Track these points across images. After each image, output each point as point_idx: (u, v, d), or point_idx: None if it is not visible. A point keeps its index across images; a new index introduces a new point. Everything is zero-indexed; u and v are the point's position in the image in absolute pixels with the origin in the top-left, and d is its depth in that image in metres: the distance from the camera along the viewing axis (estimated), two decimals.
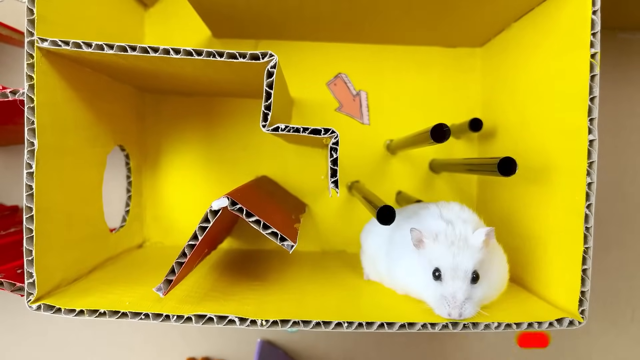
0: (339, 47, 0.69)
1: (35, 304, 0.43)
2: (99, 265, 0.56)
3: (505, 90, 0.61)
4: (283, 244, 0.42)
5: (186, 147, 0.70)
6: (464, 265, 0.42)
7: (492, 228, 0.44)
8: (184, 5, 0.67)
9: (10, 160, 0.71)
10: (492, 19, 0.58)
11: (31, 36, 0.42)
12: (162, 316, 0.42)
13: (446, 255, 0.42)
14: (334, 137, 0.43)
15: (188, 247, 0.41)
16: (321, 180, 0.70)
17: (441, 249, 0.43)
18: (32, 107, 0.42)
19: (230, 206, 0.40)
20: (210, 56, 0.42)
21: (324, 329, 0.43)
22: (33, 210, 0.42)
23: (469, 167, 0.59)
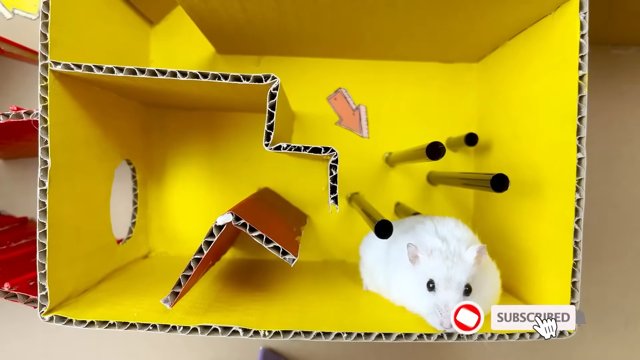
0: (339, 62, 0.71)
1: (48, 316, 0.45)
2: (107, 276, 0.57)
3: (499, 105, 0.63)
4: (285, 257, 0.44)
5: (190, 160, 0.72)
6: (457, 277, 0.44)
7: (484, 245, 0.45)
8: (188, 23, 0.69)
9: (20, 173, 0.73)
10: (487, 37, 0.60)
11: (45, 60, 0.44)
12: (168, 327, 0.44)
13: (440, 267, 0.44)
14: (334, 155, 0.45)
15: (194, 261, 0.43)
16: (322, 192, 0.72)
17: (436, 263, 0.44)
18: (46, 127, 0.44)
19: (234, 221, 0.42)
20: (216, 78, 0.44)
21: (324, 339, 0.44)
22: (46, 225, 0.44)
23: (465, 181, 0.61)
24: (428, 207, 0.71)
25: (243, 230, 0.43)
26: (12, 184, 0.73)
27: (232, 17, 0.54)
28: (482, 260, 0.46)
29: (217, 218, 0.43)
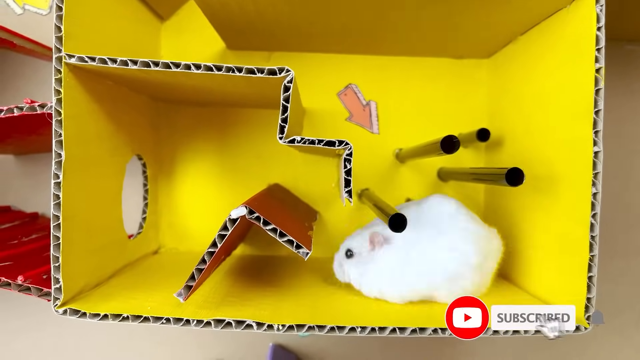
0: (350, 58, 0.71)
1: (62, 309, 0.44)
2: (118, 270, 0.57)
3: (511, 100, 0.63)
4: (299, 251, 0.44)
5: (200, 156, 0.72)
6: (347, 243, 0.55)
7: (376, 233, 0.52)
8: (199, 18, 0.69)
9: (30, 169, 0.73)
10: (499, 32, 0.60)
11: (59, 52, 0.44)
12: (182, 321, 0.44)
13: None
14: (348, 149, 0.45)
15: (207, 254, 0.43)
16: (332, 187, 0.71)
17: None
18: (60, 120, 0.44)
19: (248, 215, 0.42)
20: (230, 71, 0.44)
21: (338, 333, 0.44)
22: (60, 218, 0.44)
23: (477, 176, 0.60)
24: None
25: (257, 224, 0.43)
26: (23, 179, 0.73)
27: (243, 10, 0.54)
28: (374, 243, 0.52)
29: (231, 211, 0.42)
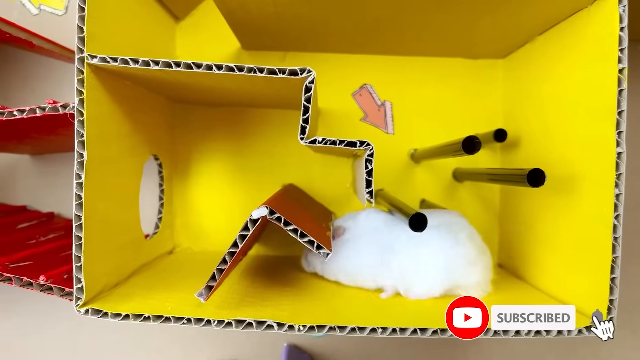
0: (364, 58, 0.71)
1: (83, 308, 0.45)
2: (135, 270, 0.58)
3: (528, 101, 0.63)
4: (319, 252, 0.44)
5: (215, 156, 0.72)
6: None
7: (341, 227, 0.58)
8: (214, 19, 0.70)
9: (46, 169, 0.74)
10: (517, 32, 0.60)
11: (81, 53, 0.44)
12: (203, 321, 0.44)
13: None
14: (369, 149, 0.45)
15: (229, 254, 0.43)
16: (346, 188, 0.71)
17: None
18: (82, 120, 0.44)
19: (269, 215, 0.42)
20: (251, 72, 0.44)
21: (359, 334, 0.44)
22: (82, 218, 0.44)
23: (493, 177, 0.60)
24: (453, 204, 0.71)
25: (277, 225, 0.43)
26: (38, 179, 0.73)
27: (261, 11, 0.54)
28: (337, 234, 0.57)
29: (252, 212, 0.42)
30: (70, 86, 0.72)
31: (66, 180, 0.73)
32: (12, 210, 0.68)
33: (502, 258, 0.70)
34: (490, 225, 0.71)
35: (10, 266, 0.47)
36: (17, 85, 0.73)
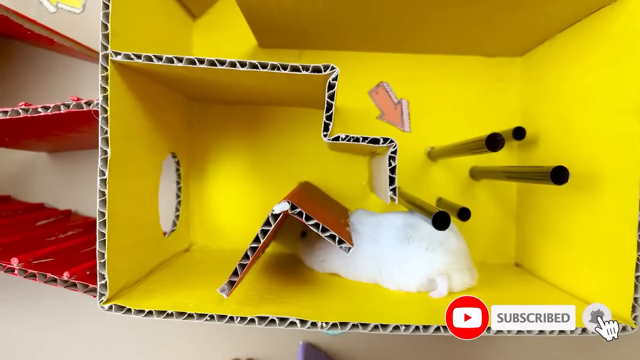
0: (381, 56, 0.71)
1: (107, 305, 0.45)
2: (155, 268, 0.58)
3: (547, 99, 0.62)
4: (341, 246, 0.44)
5: (231, 154, 0.72)
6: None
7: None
8: (230, 17, 0.70)
9: (63, 166, 0.74)
10: (537, 30, 0.60)
11: (105, 50, 0.44)
12: (226, 317, 0.44)
13: None
14: (393, 146, 0.45)
15: (250, 250, 0.43)
16: (362, 186, 0.71)
17: None
18: (106, 117, 0.44)
19: (290, 210, 0.42)
20: (275, 69, 0.44)
21: (381, 331, 0.44)
22: (106, 215, 0.44)
23: (512, 175, 0.60)
24: (470, 202, 0.70)
25: (299, 219, 0.43)
26: (55, 176, 0.74)
27: (282, 9, 0.54)
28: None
29: (273, 206, 0.42)
30: (87, 84, 0.73)
31: (83, 178, 0.73)
32: (30, 208, 0.69)
33: (520, 257, 0.69)
34: (507, 223, 0.71)
35: (33, 262, 0.47)
36: (34, 83, 0.73)
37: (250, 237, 0.43)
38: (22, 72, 0.73)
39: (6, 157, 0.73)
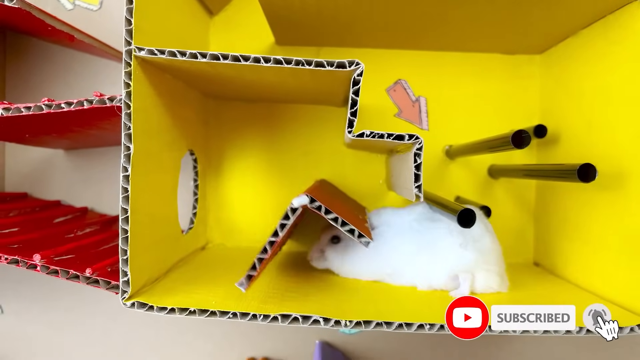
0: (398, 54, 0.70)
1: (129, 302, 0.44)
2: (173, 265, 0.57)
3: (569, 96, 0.62)
4: (361, 240, 0.43)
5: (247, 152, 0.72)
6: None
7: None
8: (247, 14, 0.70)
9: (79, 163, 0.74)
10: (559, 27, 0.59)
11: (129, 45, 0.44)
12: (248, 315, 0.44)
13: None
14: (418, 143, 0.45)
15: (269, 244, 0.43)
16: (379, 184, 0.71)
17: None
18: (129, 113, 0.44)
19: (309, 203, 0.42)
20: (299, 64, 0.44)
21: (406, 330, 0.44)
22: (128, 211, 0.44)
23: (533, 173, 0.60)
24: (488, 201, 0.69)
25: (318, 213, 0.42)
26: (71, 174, 0.74)
27: (304, 5, 0.54)
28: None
29: (292, 200, 0.42)
30: (104, 80, 0.73)
31: (99, 175, 0.73)
32: (47, 205, 0.69)
33: (539, 256, 0.69)
34: (525, 222, 0.70)
35: (55, 259, 0.47)
36: (51, 79, 0.73)
37: (267, 235, 0.43)
38: (38, 69, 0.73)
39: (22, 154, 0.73)
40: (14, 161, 0.73)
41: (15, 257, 0.45)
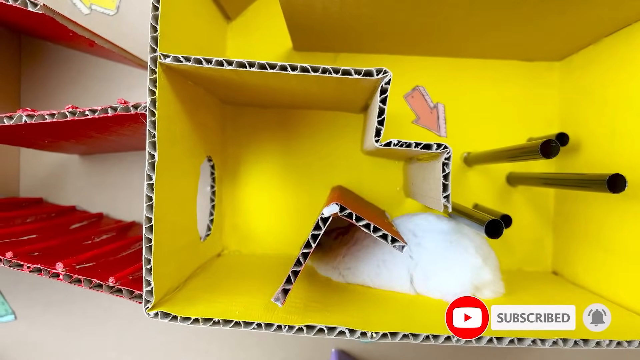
0: (416, 60, 0.70)
1: (153, 312, 0.44)
2: (192, 273, 0.57)
3: (591, 104, 0.61)
4: (394, 245, 0.42)
5: (263, 158, 0.71)
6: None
7: None
8: (264, 19, 0.69)
9: (94, 169, 0.73)
10: (582, 34, 0.58)
11: (154, 52, 0.43)
12: (273, 326, 0.43)
13: None
14: (447, 152, 0.44)
15: (302, 256, 0.42)
16: (397, 191, 0.70)
17: None
18: (154, 120, 0.43)
19: (339, 212, 0.41)
20: (326, 72, 0.43)
21: (433, 342, 0.43)
22: (152, 220, 0.43)
23: (553, 181, 0.59)
24: (506, 209, 0.69)
25: (349, 221, 0.42)
26: (86, 179, 0.73)
27: (326, 11, 0.53)
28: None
29: (322, 210, 0.41)
30: (120, 86, 0.72)
31: (114, 180, 0.73)
32: (63, 211, 0.68)
33: (558, 265, 0.68)
34: (544, 231, 0.69)
35: (77, 267, 0.46)
36: (66, 84, 0.73)
37: (283, 242, 0.42)
38: (53, 73, 0.72)
39: (37, 159, 0.73)
40: (28, 166, 0.73)
41: (38, 265, 0.44)
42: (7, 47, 0.69)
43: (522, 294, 0.56)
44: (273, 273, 0.60)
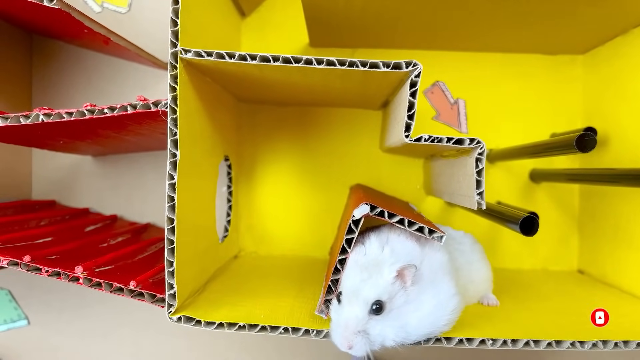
0: (436, 55, 0.68)
1: (176, 316, 0.42)
2: (212, 276, 0.55)
3: (618, 98, 0.59)
4: (433, 236, 0.41)
5: (280, 157, 0.70)
6: (365, 292, 0.38)
7: (412, 265, 0.39)
8: (280, 15, 0.68)
9: (107, 170, 0.72)
10: (610, 25, 0.57)
11: (174, 47, 0.42)
12: (301, 331, 0.42)
13: (351, 278, 0.39)
14: (480, 147, 0.42)
15: (340, 262, 0.41)
16: (417, 189, 0.69)
17: (349, 272, 0.40)
18: (175, 118, 0.42)
19: (371, 211, 0.40)
20: (353, 66, 0.41)
21: (467, 346, 0.42)
22: (175, 221, 0.42)
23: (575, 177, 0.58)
24: (530, 206, 0.67)
25: (380, 219, 0.40)
26: (99, 181, 0.72)
27: (348, 5, 0.52)
28: (407, 280, 0.39)
29: (353, 212, 0.40)
30: (135, 84, 0.71)
31: (128, 182, 0.72)
32: (77, 213, 0.67)
33: (584, 263, 0.66)
34: (569, 228, 0.68)
35: (96, 270, 0.44)
36: (79, 84, 0.71)
37: (300, 243, 0.41)
38: (65, 72, 0.71)
39: (50, 161, 0.72)
40: (41, 168, 0.71)
41: (57, 269, 0.43)
42: (19, 47, 0.68)
43: (550, 293, 0.55)
44: (294, 275, 0.59)
